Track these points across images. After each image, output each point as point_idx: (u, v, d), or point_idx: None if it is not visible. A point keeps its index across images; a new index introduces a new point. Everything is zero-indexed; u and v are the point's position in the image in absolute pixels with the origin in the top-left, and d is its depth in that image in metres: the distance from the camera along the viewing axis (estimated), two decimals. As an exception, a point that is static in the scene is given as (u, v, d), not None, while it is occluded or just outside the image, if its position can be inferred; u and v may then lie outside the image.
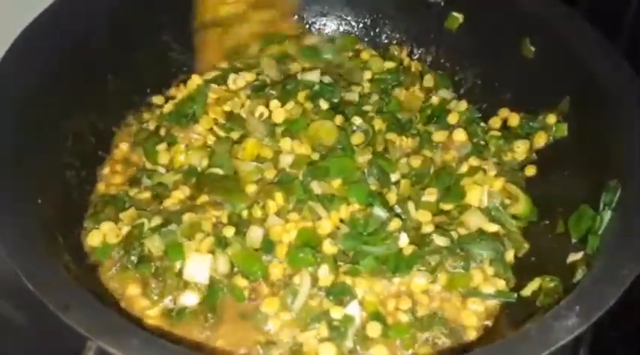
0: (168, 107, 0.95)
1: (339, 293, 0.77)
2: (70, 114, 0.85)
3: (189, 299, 0.77)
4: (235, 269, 0.79)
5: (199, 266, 0.78)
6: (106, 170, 0.91)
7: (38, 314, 0.82)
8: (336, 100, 0.95)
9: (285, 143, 0.89)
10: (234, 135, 0.91)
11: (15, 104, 0.77)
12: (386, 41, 1.07)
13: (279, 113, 0.91)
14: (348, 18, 1.10)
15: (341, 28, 1.10)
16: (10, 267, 0.61)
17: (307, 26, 1.10)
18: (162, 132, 0.93)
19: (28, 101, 0.78)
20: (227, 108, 0.93)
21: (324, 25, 1.10)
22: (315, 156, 0.88)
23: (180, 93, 0.97)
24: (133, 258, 0.80)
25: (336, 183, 0.85)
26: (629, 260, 0.65)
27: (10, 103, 0.77)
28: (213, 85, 0.95)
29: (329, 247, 0.80)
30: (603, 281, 0.64)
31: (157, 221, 0.81)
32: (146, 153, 0.92)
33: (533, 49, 0.92)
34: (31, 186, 0.74)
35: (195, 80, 0.96)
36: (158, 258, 0.79)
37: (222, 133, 0.91)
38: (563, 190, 0.86)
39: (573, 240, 0.78)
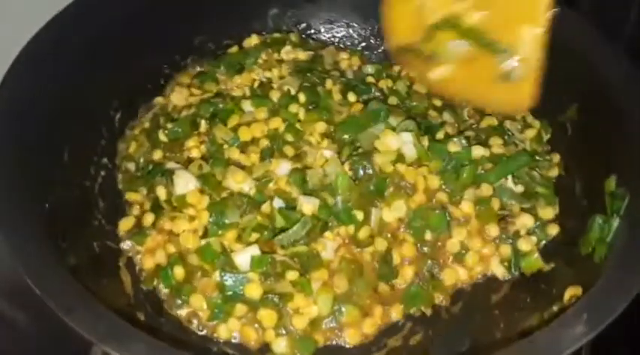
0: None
1: None
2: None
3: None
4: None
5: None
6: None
7: (38, 314, 0.84)
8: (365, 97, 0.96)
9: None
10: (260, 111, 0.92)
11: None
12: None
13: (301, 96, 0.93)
14: (355, 25, 1.11)
15: (351, 34, 1.11)
16: (10, 267, 0.61)
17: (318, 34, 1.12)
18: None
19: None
20: (267, 74, 0.99)
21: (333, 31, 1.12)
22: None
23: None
24: None
25: None
26: (637, 268, 0.65)
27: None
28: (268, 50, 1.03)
29: None
30: (611, 290, 0.63)
31: None
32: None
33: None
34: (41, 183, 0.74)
35: (254, 39, 1.05)
36: None
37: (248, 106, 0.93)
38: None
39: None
